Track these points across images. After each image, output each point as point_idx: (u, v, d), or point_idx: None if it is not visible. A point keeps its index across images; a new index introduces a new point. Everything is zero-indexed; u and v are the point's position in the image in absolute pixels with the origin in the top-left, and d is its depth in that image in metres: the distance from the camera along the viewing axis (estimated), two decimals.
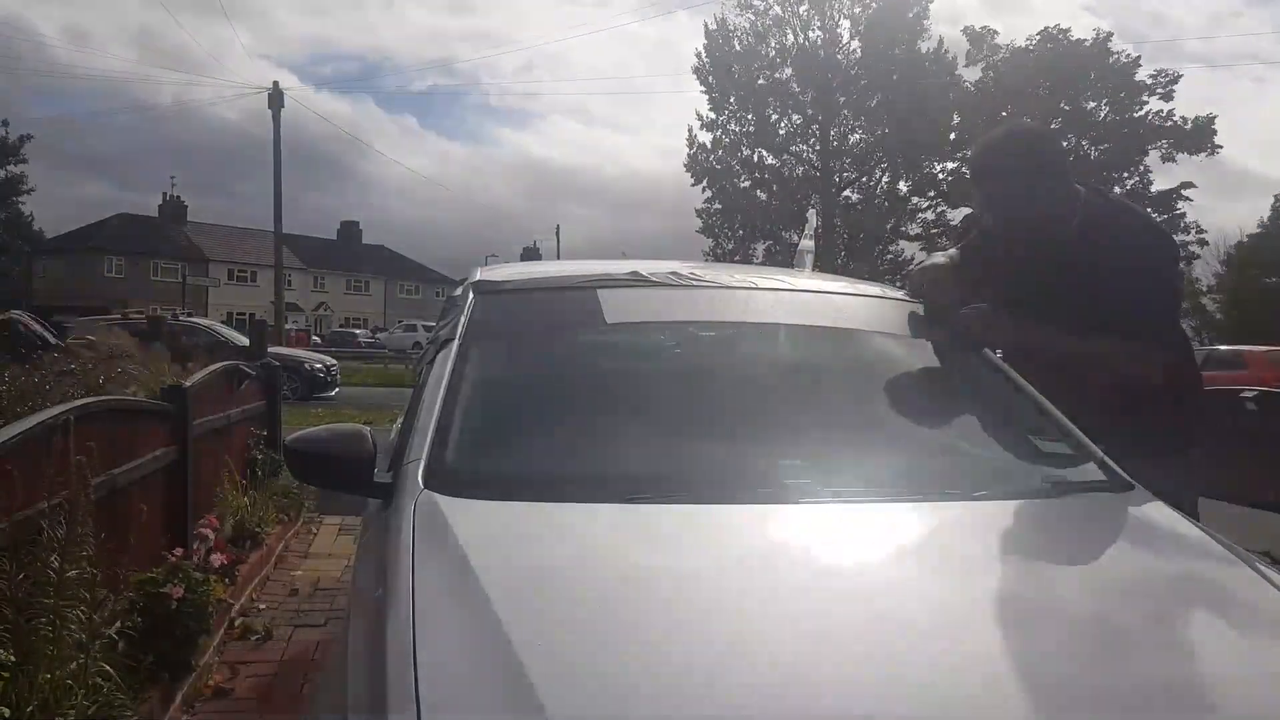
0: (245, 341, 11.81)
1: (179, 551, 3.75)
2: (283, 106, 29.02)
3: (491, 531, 1.61)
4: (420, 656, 1.20)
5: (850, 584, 1.50)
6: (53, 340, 10.31)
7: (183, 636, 3.27)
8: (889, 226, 37.15)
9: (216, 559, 4.15)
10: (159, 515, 4.04)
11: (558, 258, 38.76)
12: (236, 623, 4.19)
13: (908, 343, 2.47)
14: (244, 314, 41.19)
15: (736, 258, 35.78)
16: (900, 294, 2.69)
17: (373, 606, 1.47)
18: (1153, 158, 34.92)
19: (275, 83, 29.28)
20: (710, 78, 36.31)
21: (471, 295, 2.42)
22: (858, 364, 2.43)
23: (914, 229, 37.14)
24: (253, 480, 5.76)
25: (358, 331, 50.65)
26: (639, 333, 2.40)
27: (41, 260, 51.62)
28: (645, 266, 2.53)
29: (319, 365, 18.17)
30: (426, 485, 1.71)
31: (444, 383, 2.03)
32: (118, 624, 2.94)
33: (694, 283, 2.47)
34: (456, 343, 2.19)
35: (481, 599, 1.32)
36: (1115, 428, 2.15)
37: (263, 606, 4.56)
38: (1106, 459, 2.04)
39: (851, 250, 36.53)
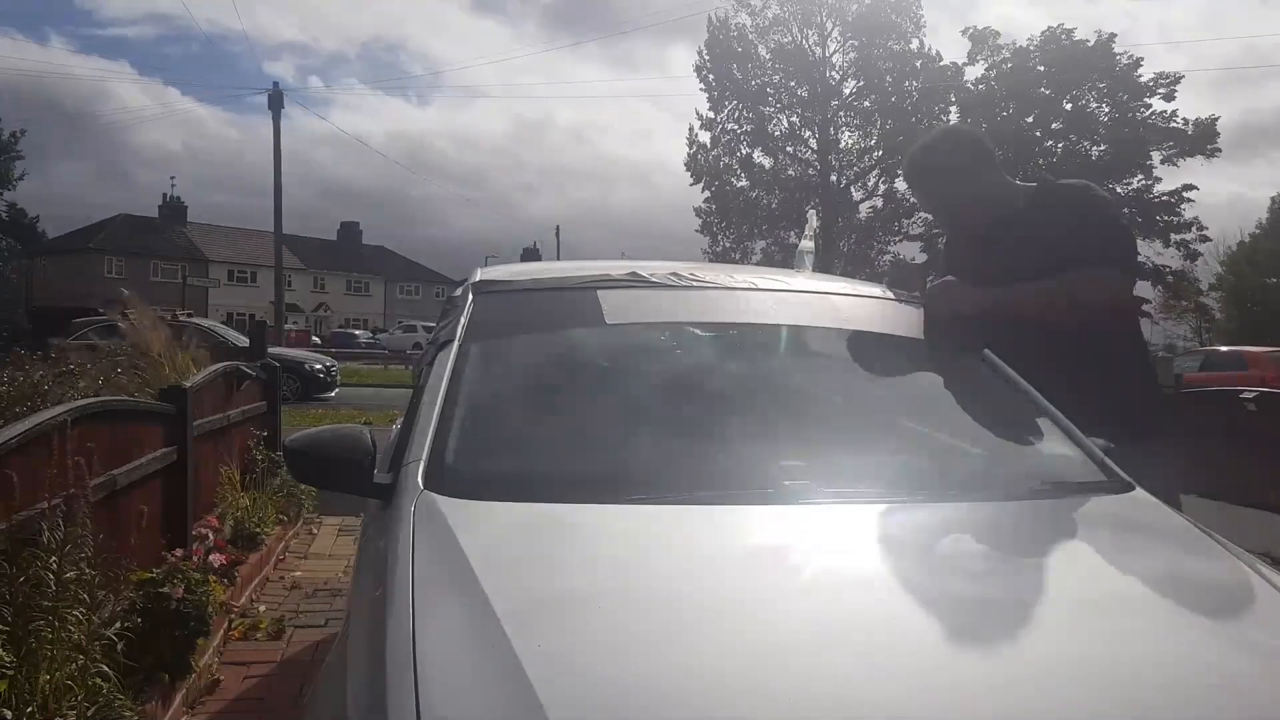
0: (245, 342, 11.80)
1: (179, 552, 3.74)
2: (282, 107, 29.06)
3: (491, 532, 1.61)
4: (420, 657, 1.20)
5: (850, 585, 1.49)
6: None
7: (182, 637, 3.26)
8: (889, 226, 37.11)
9: (216, 559, 4.15)
10: (159, 516, 4.04)
11: (557, 258, 38.78)
12: (236, 623, 4.19)
13: (907, 343, 2.47)
14: (244, 314, 41.28)
15: (735, 257, 35.75)
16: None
17: (373, 607, 1.46)
18: (1154, 160, 34.74)
19: (275, 83, 29.38)
20: (710, 76, 36.26)
21: (471, 295, 2.42)
22: (857, 364, 2.43)
23: (914, 228, 37.08)
24: (252, 481, 5.75)
25: (357, 332, 50.61)
26: (639, 333, 2.40)
27: (42, 260, 51.64)
28: (645, 267, 2.53)
29: (318, 366, 18.19)
30: (426, 486, 1.71)
31: (444, 383, 2.03)
32: (117, 625, 2.93)
33: (694, 283, 2.47)
34: (456, 343, 2.19)
35: (481, 599, 1.32)
36: (1079, 405, 2.19)
37: (262, 607, 4.56)
38: (1107, 459, 2.03)
39: (851, 250, 36.48)
